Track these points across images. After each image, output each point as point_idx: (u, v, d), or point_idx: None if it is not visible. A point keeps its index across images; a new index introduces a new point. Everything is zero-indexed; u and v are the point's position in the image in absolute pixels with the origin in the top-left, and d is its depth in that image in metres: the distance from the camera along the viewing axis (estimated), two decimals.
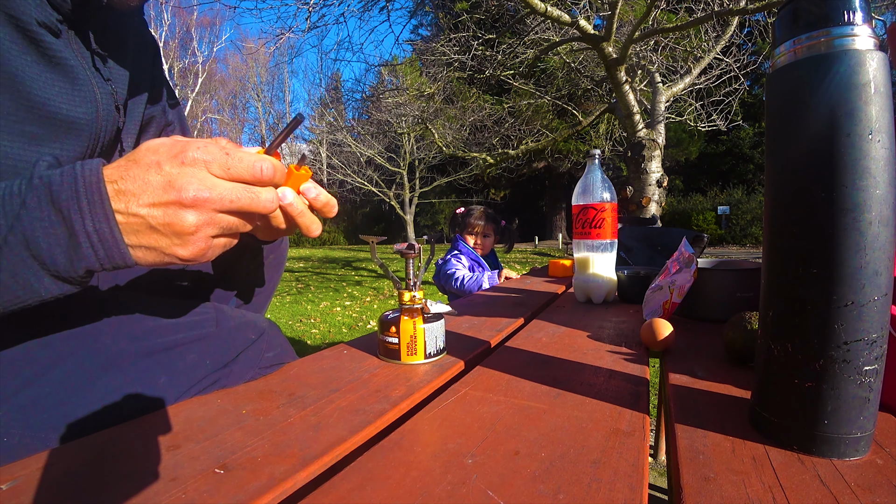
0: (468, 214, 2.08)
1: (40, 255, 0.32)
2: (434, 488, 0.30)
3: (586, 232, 0.95)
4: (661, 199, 3.76)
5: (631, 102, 3.75)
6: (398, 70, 11.12)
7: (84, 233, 0.33)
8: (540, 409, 0.42)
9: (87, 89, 0.53)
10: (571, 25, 3.57)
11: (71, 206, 0.32)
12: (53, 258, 0.33)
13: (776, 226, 0.34)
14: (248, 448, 0.35)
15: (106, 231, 0.33)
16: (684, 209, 15.49)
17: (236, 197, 0.36)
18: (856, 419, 0.32)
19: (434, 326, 0.57)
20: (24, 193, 0.32)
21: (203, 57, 22.65)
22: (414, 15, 5.37)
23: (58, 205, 0.32)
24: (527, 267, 7.89)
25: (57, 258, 0.33)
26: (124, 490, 0.30)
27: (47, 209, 0.32)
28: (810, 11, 0.32)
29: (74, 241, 0.33)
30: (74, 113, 0.51)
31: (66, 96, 0.50)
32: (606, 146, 8.10)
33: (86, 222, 0.33)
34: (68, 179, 0.33)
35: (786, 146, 0.33)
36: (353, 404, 0.43)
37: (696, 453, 0.34)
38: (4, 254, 0.31)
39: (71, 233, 0.33)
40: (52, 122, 0.48)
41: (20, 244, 0.32)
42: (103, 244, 0.34)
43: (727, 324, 0.55)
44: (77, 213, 0.32)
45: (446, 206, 20.45)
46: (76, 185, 0.33)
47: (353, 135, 15.32)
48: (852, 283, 0.30)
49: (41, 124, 0.47)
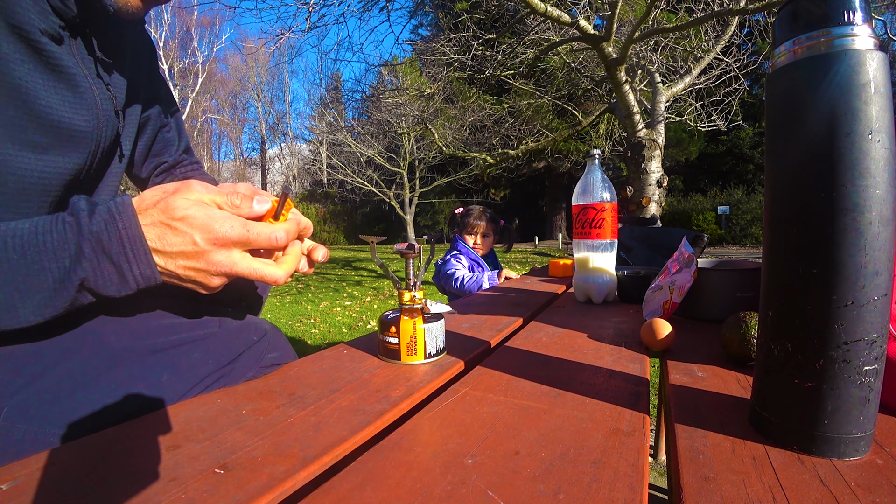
0: (467, 214, 2.08)
1: (95, 289, 0.39)
2: (434, 488, 0.30)
3: (586, 232, 0.95)
4: (661, 199, 3.76)
5: (631, 102, 3.75)
6: (398, 70, 11.12)
7: (132, 276, 0.40)
8: (540, 409, 0.42)
9: (89, 97, 0.54)
10: (571, 25, 3.57)
11: (121, 258, 0.39)
12: (106, 290, 0.39)
13: (776, 226, 0.34)
14: (248, 448, 0.35)
15: (149, 274, 0.40)
16: (684, 209, 15.49)
17: (256, 269, 0.44)
18: (856, 419, 0.32)
19: (434, 326, 0.57)
20: (78, 241, 0.38)
21: (203, 57, 22.65)
22: (414, 15, 5.38)
23: (110, 256, 0.38)
24: (527, 267, 7.89)
25: (109, 290, 0.40)
26: (124, 490, 0.30)
27: (102, 258, 0.38)
28: (810, 11, 0.32)
29: (123, 280, 0.40)
30: (77, 122, 0.52)
31: (68, 105, 0.51)
32: (606, 146, 8.10)
33: (133, 269, 0.39)
34: (114, 237, 0.38)
35: (786, 146, 0.33)
36: (353, 404, 0.43)
37: (696, 453, 0.34)
38: (63, 290, 0.37)
39: (121, 275, 0.39)
40: (55, 131, 0.50)
41: (77, 284, 0.38)
42: (146, 281, 0.41)
43: (724, 324, 0.55)
44: (126, 264, 0.39)
45: (446, 206, 20.44)
46: (122, 243, 0.39)
47: (353, 135, 15.32)
48: (852, 283, 0.30)
49: (45, 133, 0.49)
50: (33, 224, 0.38)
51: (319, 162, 21.50)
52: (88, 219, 0.38)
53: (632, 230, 1.52)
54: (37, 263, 0.37)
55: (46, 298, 0.37)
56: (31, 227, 0.37)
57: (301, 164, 29.23)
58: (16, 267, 0.36)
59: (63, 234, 0.38)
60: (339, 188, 18.17)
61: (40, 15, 0.46)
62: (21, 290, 0.36)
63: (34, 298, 0.37)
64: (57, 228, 0.38)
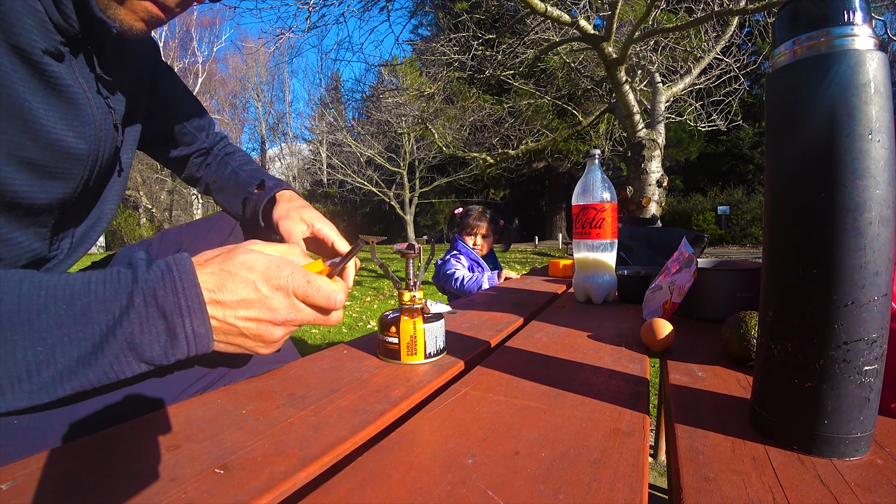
0: (467, 215, 2.08)
1: (140, 350, 0.36)
2: (434, 488, 0.30)
3: (586, 232, 0.95)
4: (661, 199, 3.76)
5: (631, 102, 3.75)
6: (398, 70, 11.12)
7: (184, 334, 0.37)
8: (540, 409, 0.42)
9: (87, 115, 0.54)
10: (571, 25, 3.57)
11: (174, 312, 0.37)
12: (151, 352, 0.37)
13: (776, 226, 0.34)
14: (248, 448, 0.35)
15: (202, 333, 0.38)
16: (684, 209, 15.49)
17: (313, 319, 0.44)
18: (856, 419, 0.32)
19: (434, 326, 0.57)
20: (130, 291, 0.36)
21: (203, 57, 22.64)
22: (414, 15, 5.38)
23: (162, 310, 0.36)
24: (527, 267, 7.89)
25: (154, 352, 0.37)
26: (124, 490, 0.30)
27: (153, 310, 0.36)
28: (810, 11, 0.32)
29: (174, 340, 0.37)
30: (76, 144, 0.53)
31: (67, 127, 0.51)
32: (606, 146, 8.09)
33: (185, 326, 0.37)
34: (170, 287, 0.37)
35: (786, 146, 0.33)
36: (353, 404, 0.43)
37: (696, 453, 0.34)
38: (109, 345, 0.35)
39: (171, 333, 0.37)
40: (53, 151, 0.50)
41: (124, 339, 0.35)
42: (197, 343, 0.38)
43: (724, 324, 0.55)
44: (178, 318, 0.37)
45: (446, 206, 20.44)
46: (177, 294, 0.37)
47: (353, 135, 15.33)
48: (852, 283, 0.30)
49: (43, 152, 0.49)
50: (87, 275, 0.37)
51: (319, 162, 21.50)
52: (146, 269, 0.37)
53: (632, 230, 1.52)
54: (85, 314, 0.35)
55: (86, 354, 0.35)
56: (84, 278, 0.36)
57: (301, 164, 29.24)
58: (63, 317, 0.34)
59: (116, 284, 0.36)
60: (339, 188, 18.17)
61: (42, 33, 0.47)
62: (63, 342, 0.34)
63: (72, 352, 0.34)
64: (111, 279, 0.36)
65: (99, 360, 0.35)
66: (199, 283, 0.38)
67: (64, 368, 0.34)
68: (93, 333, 0.35)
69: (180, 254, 0.39)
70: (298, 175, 29.29)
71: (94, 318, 0.35)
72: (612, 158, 9.71)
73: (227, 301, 0.39)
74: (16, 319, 0.33)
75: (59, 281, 0.35)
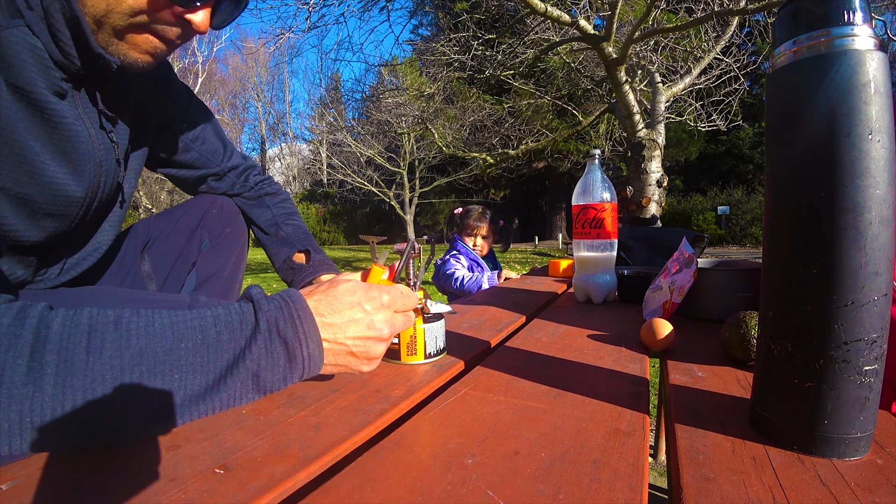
0: (467, 216, 2.08)
1: (263, 375, 0.39)
2: (434, 488, 0.30)
3: (586, 232, 0.95)
4: (661, 199, 3.76)
5: (631, 102, 3.75)
6: (398, 70, 11.12)
7: (301, 357, 0.40)
8: (540, 409, 0.42)
9: (89, 154, 0.54)
10: (571, 25, 3.57)
11: (293, 338, 0.40)
12: (272, 378, 0.39)
13: (776, 226, 0.34)
14: (248, 448, 0.35)
15: (317, 356, 0.41)
16: (684, 209, 15.49)
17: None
18: (856, 419, 0.32)
19: (434, 326, 0.57)
20: (256, 317, 0.39)
21: (203, 57, 22.62)
22: (414, 15, 5.38)
23: (284, 337, 0.39)
24: (527, 267, 7.89)
25: (275, 378, 0.39)
26: (124, 490, 0.30)
27: (275, 337, 0.39)
28: (810, 11, 0.32)
29: (292, 363, 0.40)
30: (74, 189, 0.54)
31: (67, 170, 0.52)
32: (606, 146, 8.10)
33: (303, 349, 0.40)
34: (287, 315, 0.40)
35: (786, 146, 0.33)
36: (353, 404, 0.43)
37: (696, 453, 0.34)
38: (237, 372, 0.37)
39: (291, 357, 0.40)
40: (50, 192, 0.51)
41: (251, 367, 0.38)
42: (311, 365, 0.41)
43: (723, 324, 0.55)
44: (297, 343, 0.40)
45: (446, 206, 20.43)
46: (295, 321, 0.40)
47: (353, 135, 15.31)
48: (852, 283, 0.30)
49: (40, 191, 0.50)
50: (212, 309, 0.38)
51: (319, 162, 21.49)
52: (266, 303, 0.40)
53: (632, 230, 1.52)
54: (218, 343, 0.37)
55: (214, 381, 0.36)
56: (210, 312, 0.38)
57: (301, 164, 29.23)
58: (198, 345, 0.36)
59: (241, 313, 0.39)
60: (339, 188, 18.17)
61: (42, 71, 0.47)
62: (196, 369, 0.36)
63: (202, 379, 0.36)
64: (236, 311, 0.39)
65: (224, 387, 0.37)
66: (311, 310, 0.41)
67: (192, 395, 0.36)
68: (222, 361, 0.37)
69: (290, 289, 0.43)
70: (298, 175, 29.28)
71: (225, 346, 0.37)
72: (612, 158, 9.71)
73: (337, 323, 0.43)
74: (158, 349, 0.35)
75: (188, 315, 0.37)
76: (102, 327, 0.33)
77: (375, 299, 0.45)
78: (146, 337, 0.34)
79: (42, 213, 0.52)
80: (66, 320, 0.33)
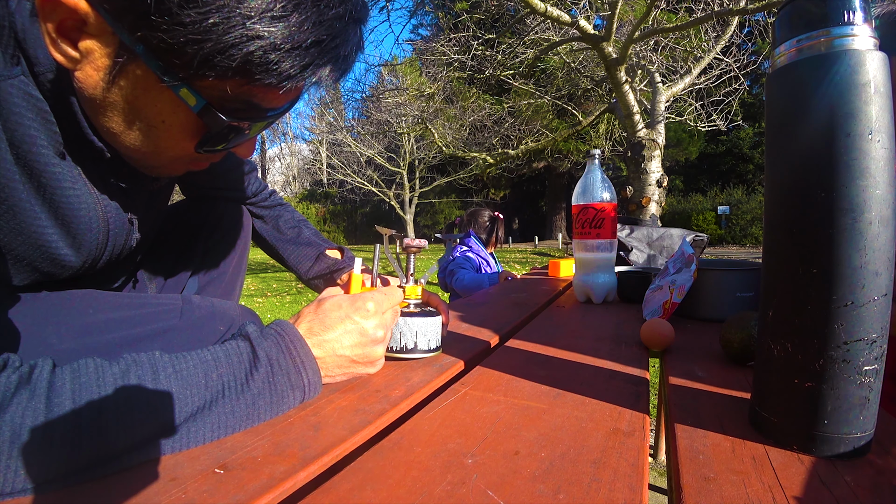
0: (494, 222, 2.16)
1: (267, 412, 0.39)
2: (434, 488, 0.30)
3: (586, 232, 0.95)
4: (661, 199, 3.76)
5: (631, 102, 3.75)
6: (398, 70, 11.12)
7: (302, 384, 0.42)
8: (540, 409, 0.42)
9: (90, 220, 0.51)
10: (571, 25, 3.57)
11: (293, 371, 0.41)
12: (277, 412, 0.40)
13: (776, 226, 0.34)
14: (248, 448, 0.35)
15: (316, 381, 0.43)
16: (684, 209, 15.49)
17: (392, 322, 0.51)
18: (856, 419, 0.32)
19: (414, 322, 0.56)
20: (253, 361, 0.40)
21: None
22: (414, 15, 5.38)
23: (286, 372, 0.41)
24: (527, 267, 7.89)
25: (280, 411, 0.41)
26: (124, 490, 0.30)
27: (279, 373, 0.40)
28: (810, 11, 0.32)
29: (294, 392, 0.41)
30: (73, 261, 0.52)
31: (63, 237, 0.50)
32: (606, 146, 8.10)
33: (303, 378, 0.42)
34: (284, 351, 0.41)
35: (786, 146, 0.33)
36: (353, 404, 0.43)
37: (696, 453, 0.34)
38: (236, 415, 0.37)
39: (294, 387, 0.41)
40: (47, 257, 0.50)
41: (257, 406, 0.39)
42: (312, 391, 0.43)
43: (724, 324, 0.55)
44: (297, 375, 0.41)
45: (446, 206, 20.44)
46: (292, 357, 0.41)
47: (353, 135, 15.32)
48: (852, 283, 0.30)
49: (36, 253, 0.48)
50: (214, 350, 0.39)
51: (319, 162, 21.49)
52: (262, 339, 0.41)
53: (632, 230, 1.52)
54: (216, 379, 0.37)
55: (221, 423, 0.36)
56: (212, 354, 0.38)
57: (301, 164, 29.22)
58: (202, 392, 0.36)
59: (238, 351, 0.40)
60: (339, 188, 18.17)
61: (44, 126, 0.44)
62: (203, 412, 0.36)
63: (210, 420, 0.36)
64: (232, 349, 0.40)
65: (230, 426, 0.37)
66: (304, 337, 0.43)
67: (201, 438, 0.36)
68: (227, 403, 0.37)
69: (281, 320, 0.44)
70: (298, 175, 29.28)
71: (225, 380, 0.38)
72: (612, 158, 9.71)
73: (333, 338, 0.45)
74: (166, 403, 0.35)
75: (190, 361, 0.37)
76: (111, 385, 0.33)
77: (361, 308, 0.47)
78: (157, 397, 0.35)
79: (39, 271, 0.50)
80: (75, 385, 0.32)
